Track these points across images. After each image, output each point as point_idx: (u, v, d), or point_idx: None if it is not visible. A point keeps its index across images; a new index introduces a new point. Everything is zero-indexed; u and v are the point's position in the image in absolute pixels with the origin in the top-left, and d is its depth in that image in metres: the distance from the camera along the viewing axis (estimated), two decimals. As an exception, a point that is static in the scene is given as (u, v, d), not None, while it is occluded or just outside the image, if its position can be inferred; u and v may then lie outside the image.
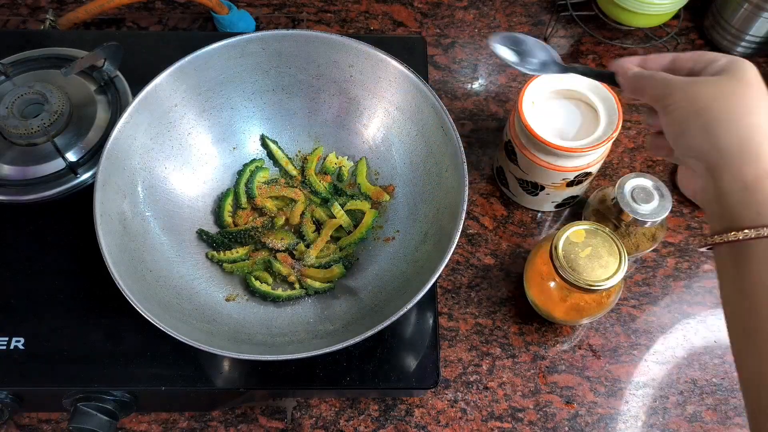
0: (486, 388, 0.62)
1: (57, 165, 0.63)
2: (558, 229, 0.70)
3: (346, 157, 0.66)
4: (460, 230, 0.51)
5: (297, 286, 0.60)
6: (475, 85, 0.80)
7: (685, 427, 0.61)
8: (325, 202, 0.64)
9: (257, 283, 0.59)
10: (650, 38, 0.81)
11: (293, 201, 0.64)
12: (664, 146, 0.44)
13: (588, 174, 0.65)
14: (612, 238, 0.58)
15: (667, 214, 0.61)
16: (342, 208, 0.62)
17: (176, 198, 0.61)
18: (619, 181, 0.62)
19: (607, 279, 0.60)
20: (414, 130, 0.61)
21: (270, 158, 0.66)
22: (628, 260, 0.68)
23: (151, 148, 0.59)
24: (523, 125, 0.61)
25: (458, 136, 0.55)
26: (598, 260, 0.61)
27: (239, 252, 0.61)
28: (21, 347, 0.56)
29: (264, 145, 0.66)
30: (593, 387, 0.62)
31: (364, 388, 0.58)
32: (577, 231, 0.59)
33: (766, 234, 0.35)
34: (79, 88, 0.67)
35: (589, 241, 0.61)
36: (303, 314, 0.58)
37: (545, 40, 0.83)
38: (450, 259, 0.50)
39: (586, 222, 0.59)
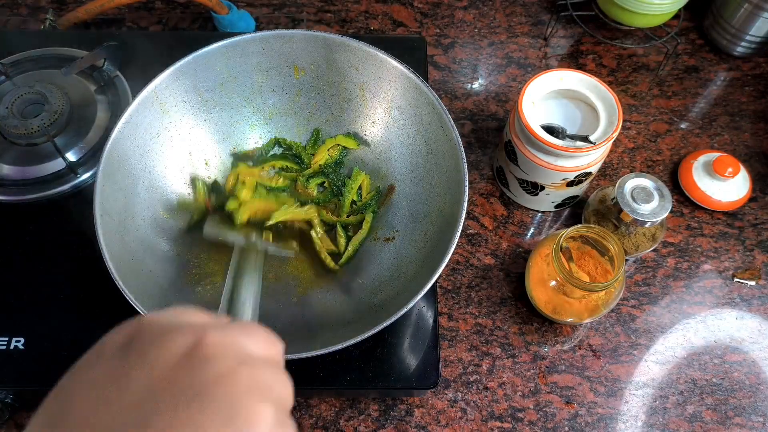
0: (486, 388, 0.62)
1: (57, 165, 0.63)
2: (558, 229, 0.70)
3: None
4: (460, 230, 0.51)
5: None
6: (475, 85, 0.80)
7: (685, 427, 0.61)
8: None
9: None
10: (650, 38, 0.81)
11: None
12: None
13: (588, 174, 0.65)
14: (611, 238, 0.58)
15: (667, 214, 0.61)
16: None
17: (176, 198, 0.61)
18: (619, 181, 0.62)
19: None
20: (414, 130, 0.61)
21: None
22: (628, 260, 0.68)
23: (151, 148, 0.59)
24: (523, 125, 0.61)
25: (458, 136, 0.55)
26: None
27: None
28: (21, 347, 0.56)
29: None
30: (593, 387, 0.62)
31: (364, 388, 0.58)
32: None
33: None
34: (79, 88, 0.67)
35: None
36: (303, 314, 0.58)
37: (545, 40, 0.84)
38: (450, 259, 0.50)
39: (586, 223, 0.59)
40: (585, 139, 0.60)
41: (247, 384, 0.26)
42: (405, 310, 0.48)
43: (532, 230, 0.71)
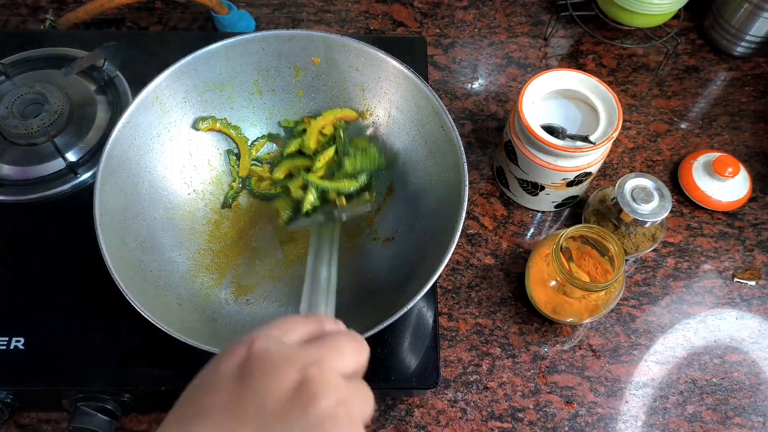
0: (486, 388, 0.62)
1: (57, 165, 0.63)
2: (558, 229, 0.70)
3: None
4: (460, 230, 0.51)
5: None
6: (475, 85, 0.80)
7: (685, 427, 0.61)
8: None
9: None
10: (650, 38, 0.81)
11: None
12: None
13: (588, 174, 0.65)
14: (611, 238, 0.58)
15: (667, 214, 0.61)
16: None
17: (176, 198, 0.61)
18: (619, 181, 0.62)
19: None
20: (414, 130, 0.61)
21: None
22: (628, 260, 0.68)
23: (151, 148, 0.59)
24: (523, 125, 0.61)
25: (458, 136, 0.55)
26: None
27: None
28: (21, 347, 0.56)
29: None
30: (593, 387, 0.62)
31: (364, 388, 0.58)
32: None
33: None
34: (79, 88, 0.67)
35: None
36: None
37: (545, 40, 0.84)
38: (450, 259, 0.50)
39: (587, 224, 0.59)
40: (585, 139, 0.60)
41: (345, 421, 0.29)
42: (405, 310, 0.48)
43: (532, 230, 0.71)
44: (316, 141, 0.64)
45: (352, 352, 0.33)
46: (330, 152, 0.63)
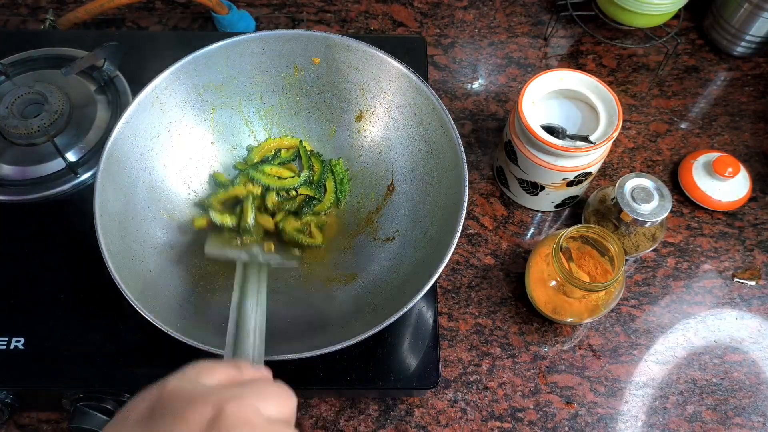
0: (486, 388, 0.62)
1: (57, 165, 0.63)
2: (558, 229, 0.70)
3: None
4: (460, 230, 0.51)
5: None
6: (475, 85, 0.80)
7: (685, 427, 0.61)
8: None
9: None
10: (650, 38, 0.81)
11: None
12: None
13: (588, 174, 0.65)
14: (611, 238, 0.58)
15: (667, 214, 0.61)
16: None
17: (176, 198, 0.61)
18: (619, 181, 0.62)
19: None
20: (414, 130, 0.61)
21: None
22: (628, 260, 0.68)
23: (151, 148, 0.59)
24: (523, 125, 0.61)
25: (458, 136, 0.55)
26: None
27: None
28: (21, 347, 0.56)
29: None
30: (593, 387, 0.62)
31: (364, 388, 0.58)
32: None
33: None
34: (79, 88, 0.67)
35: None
36: (303, 314, 0.58)
37: (545, 40, 0.84)
38: (450, 259, 0.50)
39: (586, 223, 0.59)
40: (585, 139, 0.60)
41: None
42: (405, 310, 0.48)
43: (532, 230, 0.71)
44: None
45: (276, 397, 0.30)
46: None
